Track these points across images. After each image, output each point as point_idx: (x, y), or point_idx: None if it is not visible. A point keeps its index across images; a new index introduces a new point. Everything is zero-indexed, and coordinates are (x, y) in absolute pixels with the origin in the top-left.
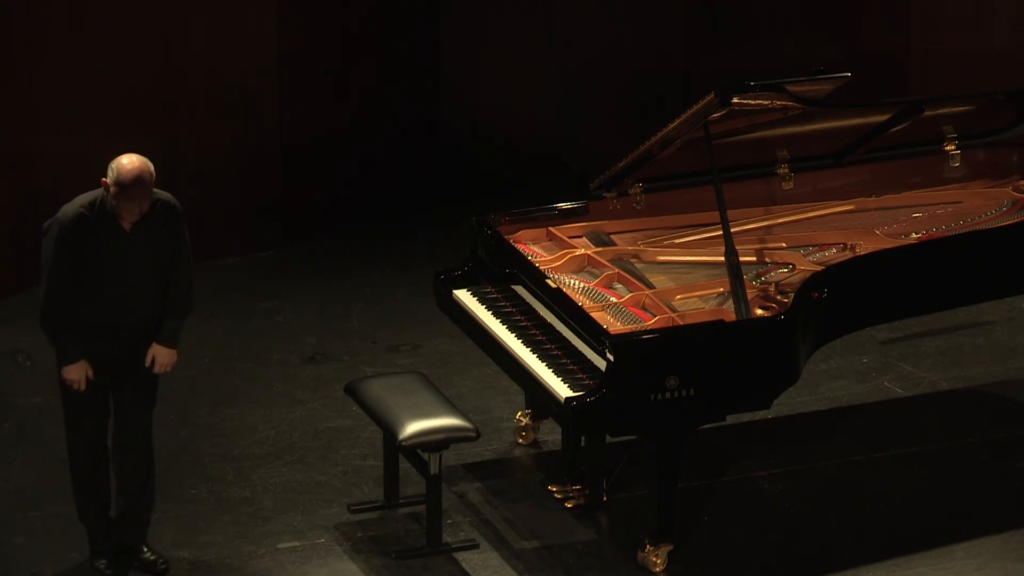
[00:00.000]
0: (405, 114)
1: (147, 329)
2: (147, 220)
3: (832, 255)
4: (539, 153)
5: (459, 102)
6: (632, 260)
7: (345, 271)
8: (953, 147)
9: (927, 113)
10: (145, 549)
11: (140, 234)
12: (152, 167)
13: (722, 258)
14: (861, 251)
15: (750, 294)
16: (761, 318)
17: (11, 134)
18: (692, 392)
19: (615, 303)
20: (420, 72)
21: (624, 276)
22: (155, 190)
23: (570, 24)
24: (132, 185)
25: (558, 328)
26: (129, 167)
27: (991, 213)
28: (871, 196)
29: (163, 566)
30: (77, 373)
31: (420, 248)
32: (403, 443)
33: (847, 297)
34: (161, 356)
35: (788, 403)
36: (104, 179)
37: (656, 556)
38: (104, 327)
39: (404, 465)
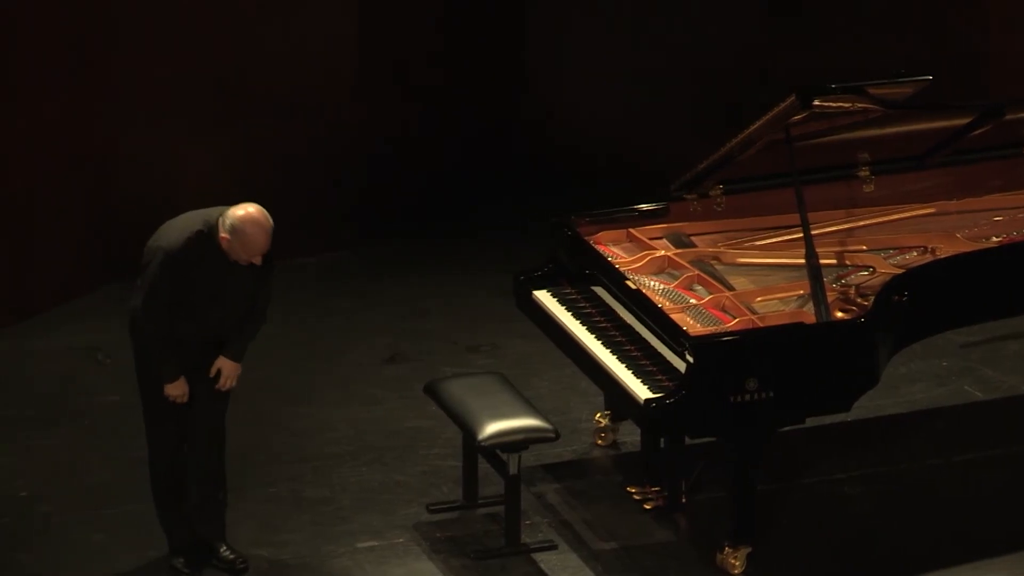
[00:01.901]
0: (484, 115)
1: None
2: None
3: (912, 258)
4: (616, 154)
5: (538, 103)
6: (712, 262)
7: (424, 271)
8: None
9: (1008, 116)
10: (224, 547)
11: (242, 266)
12: (271, 222)
13: (802, 260)
14: (941, 254)
15: (830, 296)
16: (841, 321)
17: (89, 132)
18: (771, 394)
19: (695, 305)
20: (499, 73)
21: (704, 278)
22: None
23: (648, 24)
24: (257, 245)
25: (638, 329)
26: (254, 230)
27: None
28: (952, 199)
29: (242, 565)
30: (181, 389)
31: (499, 248)
32: (482, 443)
33: (927, 300)
34: (228, 369)
35: (868, 406)
36: (223, 235)
37: (734, 558)
38: (191, 342)
39: (483, 465)
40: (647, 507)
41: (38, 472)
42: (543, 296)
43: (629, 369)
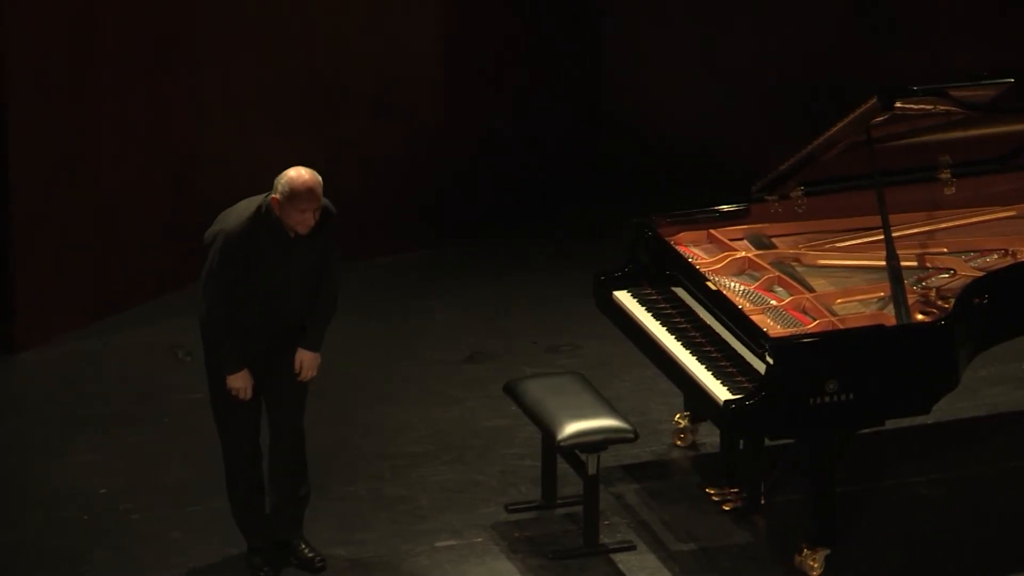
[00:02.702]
0: (564, 115)
1: (296, 331)
2: (312, 234)
3: (993, 261)
4: (697, 154)
5: (617, 103)
6: (793, 263)
7: (504, 271)
8: None
9: None
10: (303, 545)
11: (302, 242)
12: (320, 178)
13: (883, 262)
14: (1022, 257)
15: (910, 299)
16: (921, 323)
17: (176, 132)
18: (851, 396)
19: (775, 306)
20: (580, 74)
21: (784, 279)
22: (328, 205)
23: (727, 25)
24: (306, 198)
25: (717, 331)
26: (301, 180)
27: None
28: None
29: (320, 564)
30: (243, 381)
31: (579, 248)
32: (561, 443)
33: (1008, 303)
34: (307, 360)
35: (947, 409)
36: (274, 196)
37: (813, 560)
38: (258, 330)
39: (562, 466)
40: (726, 508)
41: (118, 469)
42: (623, 297)
43: (709, 370)
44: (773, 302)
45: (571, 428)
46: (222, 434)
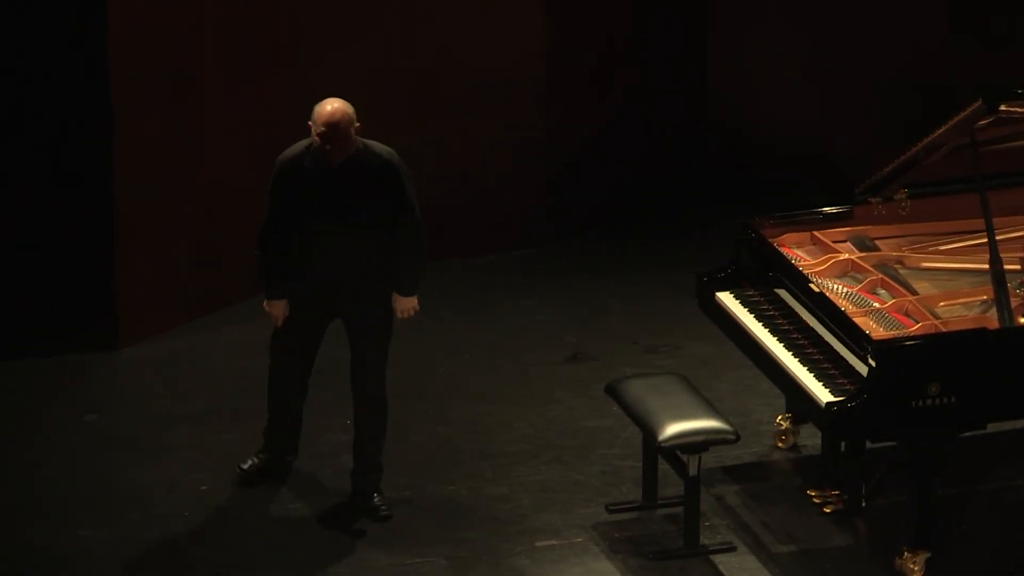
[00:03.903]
0: (667, 115)
1: (370, 283)
2: (356, 166)
3: None
4: (799, 156)
5: (721, 104)
6: (896, 266)
7: (606, 270)
8: None
9: None
10: (376, 496)
11: (348, 178)
12: (350, 111)
13: (986, 265)
14: None
15: (1014, 302)
16: None
17: (278, 130)
18: (953, 399)
19: (878, 309)
20: (684, 74)
21: (888, 282)
22: (374, 144)
23: (832, 26)
24: (326, 128)
25: (820, 332)
26: (322, 110)
27: None
28: None
29: (385, 512)
30: (277, 309)
31: (682, 249)
32: (662, 444)
33: None
34: (399, 304)
35: None
36: (309, 122)
37: (913, 563)
38: (321, 274)
39: (663, 466)
40: (827, 510)
41: (219, 467)
42: (726, 298)
43: (811, 372)
44: (876, 304)
45: (672, 429)
46: (271, 366)
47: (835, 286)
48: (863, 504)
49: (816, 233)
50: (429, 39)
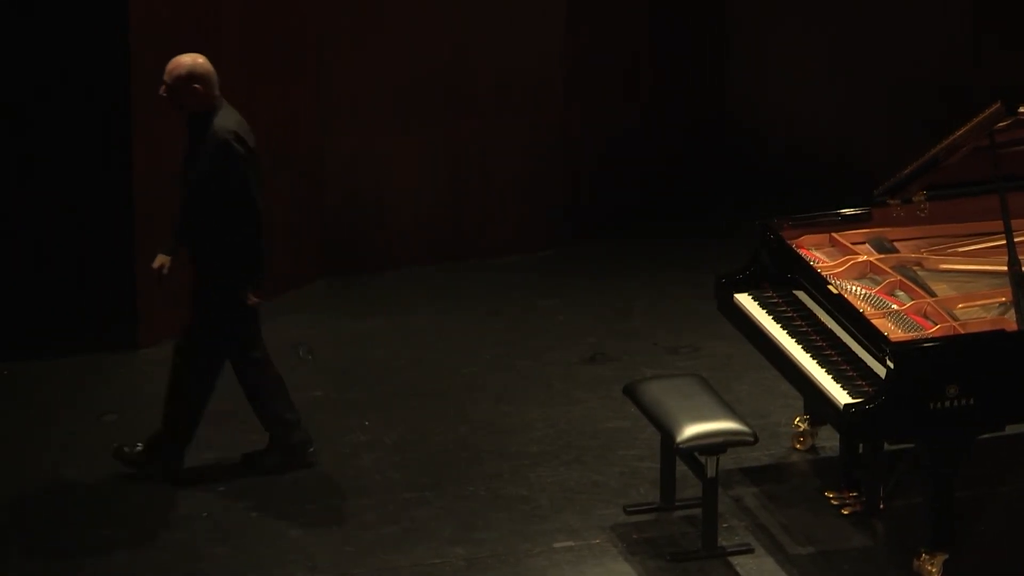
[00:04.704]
0: (689, 116)
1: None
2: (196, 133)
3: None
4: (820, 156)
5: (743, 105)
6: (915, 267)
7: (627, 271)
8: None
9: None
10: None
11: (191, 142)
12: (188, 63)
13: (1005, 267)
14: None
15: None
16: None
17: (301, 130)
18: (972, 401)
19: (896, 310)
20: (706, 75)
21: (906, 283)
22: (226, 116)
23: (853, 27)
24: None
25: (838, 334)
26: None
27: None
28: None
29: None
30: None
31: (704, 249)
32: (680, 446)
33: None
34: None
35: None
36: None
37: (931, 565)
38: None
39: (681, 468)
40: (845, 512)
41: (237, 467)
42: (744, 299)
43: (829, 374)
44: (894, 306)
45: (691, 430)
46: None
47: (853, 288)
48: (881, 506)
49: (835, 235)
50: (450, 40)
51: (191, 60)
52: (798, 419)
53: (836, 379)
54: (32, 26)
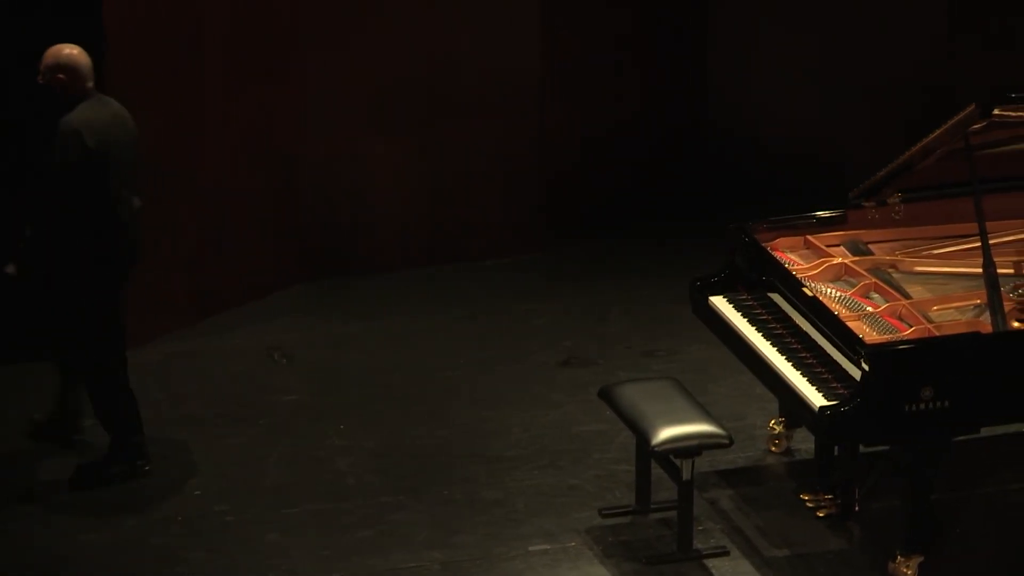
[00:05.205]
0: (667, 118)
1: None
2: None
3: None
4: (801, 158)
5: (721, 107)
6: (889, 270)
7: (605, 274)
8: None
9: None
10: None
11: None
12: (54, 53)
13: (980, 270)
14: None
15: (1007, 306)
16: (1018, 330)
17: (279, 134)
18: (947, 403)
19: (871, 313)
20: (684, 77)
21: (881, 286)
22: (83, 107)
23: (832, 27)
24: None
25: (813, 337)
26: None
27: None
28: None
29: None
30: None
31: (681, 253)
32: (656, 448)
33: None
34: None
35: None
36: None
37: (907, 567)
38: None
39: (656, 470)
40: (820, 514)
41: (214, 471)
42: (719, 302)
43: (804, 376)
44: (869, 308)
45: (666, 433)
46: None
47: (828, 290)
48: (856, 508)
49: (810, 237)
50: (429, 42)
51: (60, 50)
52: (773, 422)
53: (811, 382)
54: (7, 28)
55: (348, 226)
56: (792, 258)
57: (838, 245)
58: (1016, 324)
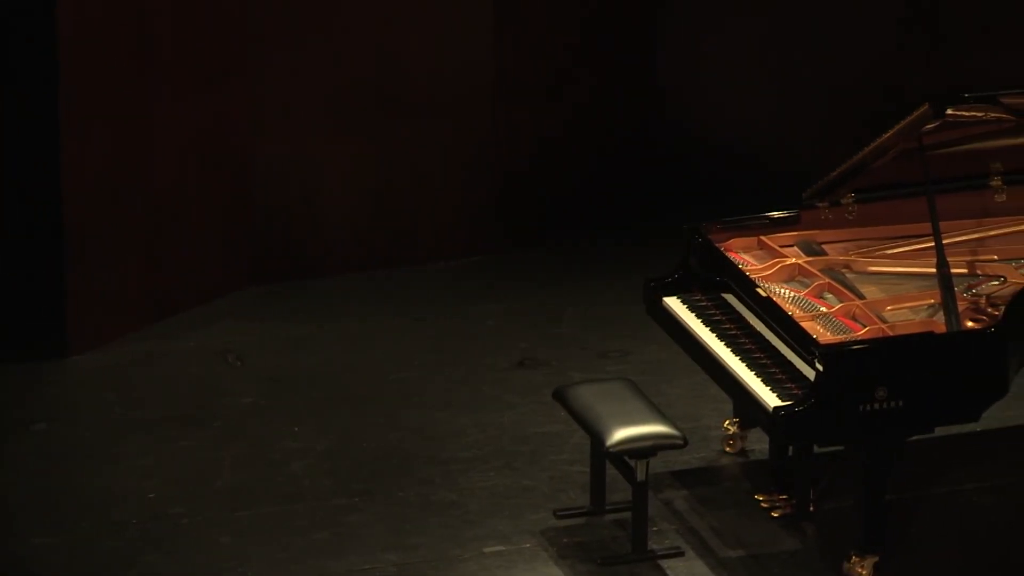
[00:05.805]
0: (622, 119)
1: None
2: None
3: None
4: (754, 158)
5: (673, 108)
6: (843, 270)
7: (559, 276)
8: None
9: None
10: None
11: None
12: None
13: (933, 269)
14: None
15: (961, 306)
16: (972, 330)
17: (230, 135)
18: (901, 403)
19: (825, 313)
20: (638, 76)
21: (835, 286)
22: None
23: (785, 30)
24: None
25: (768, 337)
26: None
27: None
28: None
29: None
30: None
31: (634, 255)
32: (610, 449)
33: None
34: None
35: (997, 416)
36: None
37: (862, 567)
38: None
39: (611, 472)
40: (775, 515)
41: (169, 474)
42: (673, 303)
43: (758, 377)
44: (823, 309)
45: (620, 434)
46: None
47: (782, 291)
48: (811, 508)
49: (763, 238)
50: (380, 44)
51: None
52: (728, 422)
53: (765, 382)
54: None
55: (300, 228)
56: (746, 259)
57: (792, 245)
58: (970, 324)
